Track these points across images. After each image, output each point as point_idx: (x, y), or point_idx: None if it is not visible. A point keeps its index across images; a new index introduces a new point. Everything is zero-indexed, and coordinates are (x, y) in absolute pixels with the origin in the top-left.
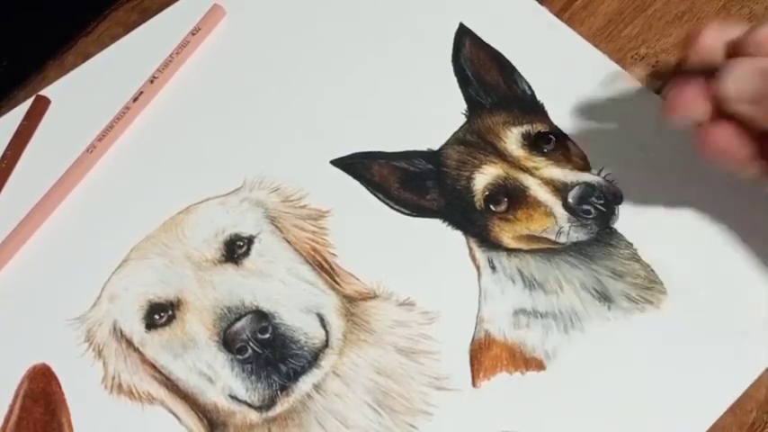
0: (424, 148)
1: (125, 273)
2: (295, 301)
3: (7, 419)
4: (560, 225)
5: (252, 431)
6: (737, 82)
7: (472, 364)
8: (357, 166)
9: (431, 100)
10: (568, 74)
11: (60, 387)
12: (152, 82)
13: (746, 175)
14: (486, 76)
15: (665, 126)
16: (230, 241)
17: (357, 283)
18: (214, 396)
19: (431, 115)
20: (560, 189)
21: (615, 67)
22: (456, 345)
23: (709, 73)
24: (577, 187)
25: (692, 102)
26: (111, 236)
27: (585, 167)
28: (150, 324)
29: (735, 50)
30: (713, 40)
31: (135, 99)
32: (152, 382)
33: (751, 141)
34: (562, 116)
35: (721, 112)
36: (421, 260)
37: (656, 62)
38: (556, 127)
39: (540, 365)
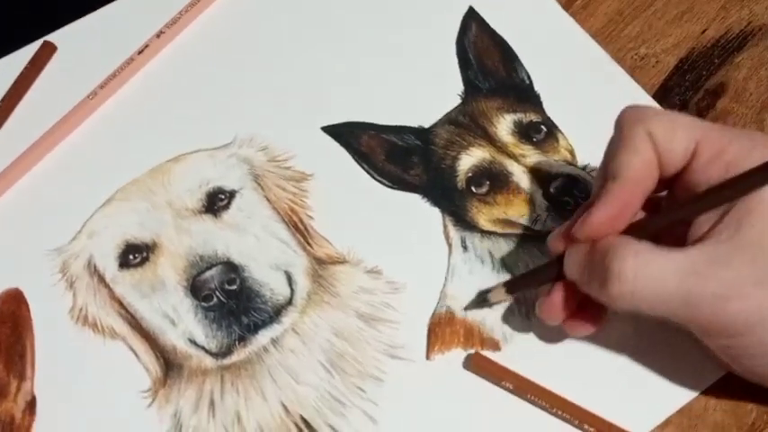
0: (415, 124)
1: (107, 212)
2: (266, 258)
3: None
4: (538, 213)
5: (205, 376)
6: (569, 262)
7: (429, 337)
8: (347, 134)
9: (429, 78)
10: (569, 68)
11: (29, 312)
12: (159, 36)
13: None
14: (487, 61)
15: None
16: (212, 193)
17: (329, 246)
18: (174, 338)
19: (427, 93)
20: (544, 178)
21: (616, 65)
22: (416, 317)
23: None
24: (561, 178)
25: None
26: (100, 176)
27: (572, 160)
28: (124, 263)
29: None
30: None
31: (140, 51)
32: (117, 318)
33: (575, 303)
34: (556, 108)
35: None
36: (395, 232)
37: (656, 62)
38: (548, 118)
39: (495, 346)
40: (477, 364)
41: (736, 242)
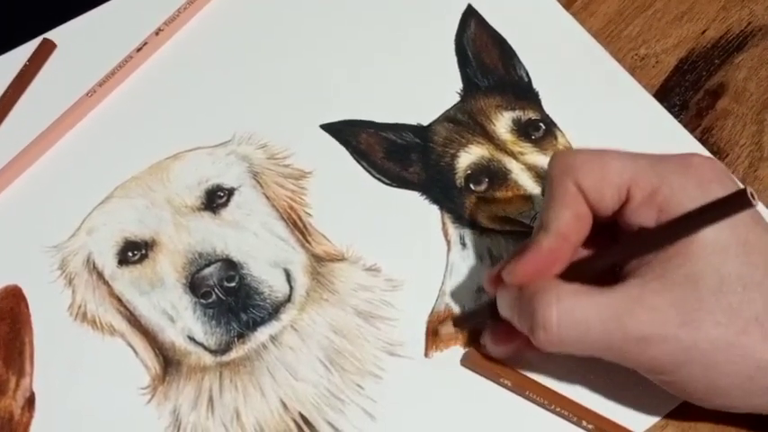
0: (414, 122)
1: (106, 209)
2: (265, 255)
3: None
4: (537, 210)
5: (204, 372)
6: (501, 303)
7: (428, 335)
8: (346, 132)
9: (428, 76)
10: (568, 66)
11: (28, 309)
12: (157, 34)
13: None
14: (486, 58)
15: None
16: (211, 191)
17: (328, 244)
18: (173, 335)
19: (425, 91)
20: (542, 176)
21: (615, 63)
22: (415, 314)
23: None
24: None
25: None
26: (99, 173)
27: None
28: (123, 260)
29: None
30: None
31: (139, 49)
32: (116, 315)
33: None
34: (555, 106)
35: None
36: (393, 229)
37: (656, 62)
38: (547, 116)
39: None
40: (475, 361)
41: (662, 283)
